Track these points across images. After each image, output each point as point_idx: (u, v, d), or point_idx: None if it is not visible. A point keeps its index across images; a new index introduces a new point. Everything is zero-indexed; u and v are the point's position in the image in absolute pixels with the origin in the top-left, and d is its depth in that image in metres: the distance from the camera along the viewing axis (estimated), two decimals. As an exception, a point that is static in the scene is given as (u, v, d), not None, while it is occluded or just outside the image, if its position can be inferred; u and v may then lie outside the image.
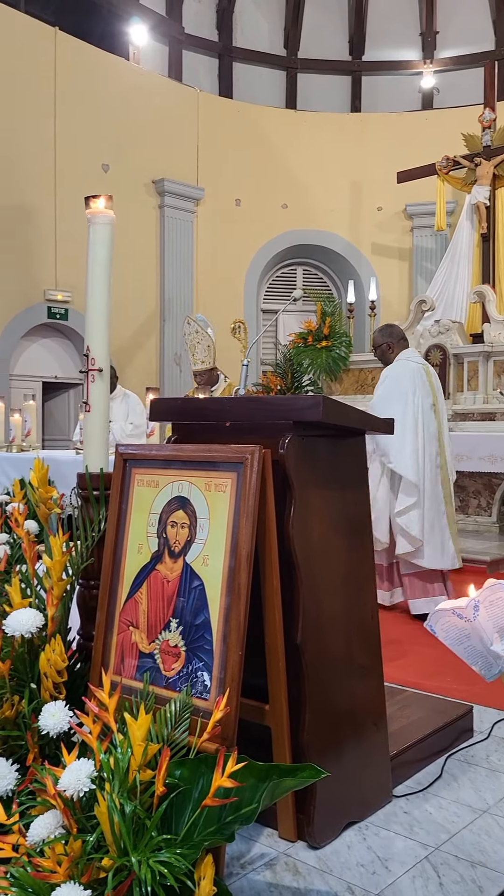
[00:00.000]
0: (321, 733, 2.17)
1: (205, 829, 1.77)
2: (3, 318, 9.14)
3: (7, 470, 5.57)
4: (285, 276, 12.08)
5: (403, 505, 4.47)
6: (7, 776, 2.15)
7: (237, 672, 1.96)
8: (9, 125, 8.99)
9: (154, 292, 10.64)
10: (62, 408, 10.38)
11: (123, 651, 2.25)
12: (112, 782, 1.81)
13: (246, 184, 11.24)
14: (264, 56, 12.05)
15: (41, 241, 9.36)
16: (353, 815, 2.25)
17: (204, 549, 2.10)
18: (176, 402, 2.52)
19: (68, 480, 5.16)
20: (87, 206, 2.65)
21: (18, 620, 2.31)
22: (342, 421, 2.24)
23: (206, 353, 5.95)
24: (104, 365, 2.62)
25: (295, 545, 2.13)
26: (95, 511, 2.54)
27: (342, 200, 11.56)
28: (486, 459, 7.08)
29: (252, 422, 2.28)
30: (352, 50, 12.23)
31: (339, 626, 2.28)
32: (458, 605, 1.66)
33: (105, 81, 9.90)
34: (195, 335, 5.91)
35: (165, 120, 10.53)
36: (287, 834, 2.16)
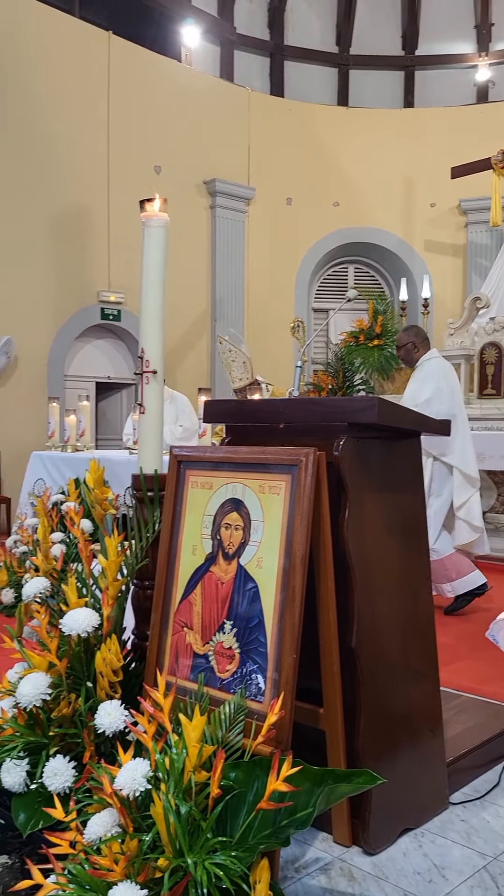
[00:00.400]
0: (376, 738, 2.15)
1: (259, 833, 1.77)
2: (58, 319, 9.29)
3: (63, 470, 5.66)
4: (337, 274, 12.01)
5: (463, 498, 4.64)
6: (64, 773, 2.19)
7: (292, 675, 1.95)
8: (63, 129, 9.14)
9: (205, 292, 10.69)
10: (115, 408, 10.51)
11: (178, 652, 2.26)
12: (167, 783, 1.82)
13: (297, 182, 11.21)
14: (316, 53, 12.00)
15: (95, 243, 9.49)
16: (408, 821, 2.22)
17: (258, 552, 2.09)
18: (230, 403, 2.52)
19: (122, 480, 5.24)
20: (142, 208, 2.66)
21: (75, 619, 2.35)
22: (398, 422, 2.21)
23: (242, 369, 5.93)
24: (159, 367, 2.64)
25: (349, 547, 2.11)
26: (150, 512, 2.56)
27: (395, 197, 11.44)
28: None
29: (306, 423, 2.27)
30: (405, 44, 12.09)
31: (395, 630, 2.25)
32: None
33: (157, 84, 9.98)
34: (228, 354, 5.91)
35: (217, 120, 10.57)
36: (342, 839, 2.14)
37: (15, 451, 8.16)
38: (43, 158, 8.97)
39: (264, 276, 11.11)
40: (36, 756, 2.31)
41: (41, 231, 9.02)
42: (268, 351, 11.07)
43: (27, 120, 8.82)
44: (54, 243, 9.15)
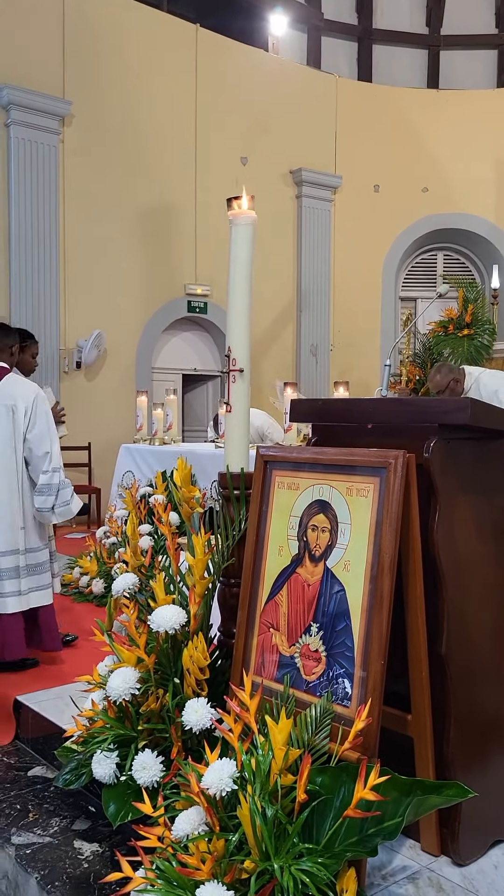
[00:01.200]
0: (466, 747, 2.10)
1: (346, 840, 1.75)
2: (146, 313, 9.44)
3: (150, 462, 5.76)
4: (425, 262, 11.76)
5: None
6: (153, 768, 2.23)
7: (379, 681, 1.92)
8: (152, 123, 9.25)
9: (291, 283, 10.65)
10: (201, 399, 10.62)
11: (264, 652, 2.26)
12: (253, 784, 1.83)
13: (385, 169, 11.01)
14: (405, 36, 11.72)
15: (182, 236, 9.59)
16: (500, 833, 2.16)
17: (345, 555, 2.07)
18: (317, 403, 2.50)
19: (209, 473, 5.30)
20: (230, 206, 2.66)
21: (163, 617, 2.38)
22: (491, 424, 2.14)
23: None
24: (245, 365, 2.63)
25: (440, 552, 2.06)
26: (236, 510, 2.57)
27: (486, 181, 11.09)
28: None
29: (395, 424, 2.22)
30: (498, 22, 11.67)
31: (486, 637, 2.19)
32: None
33: (244, 74, 9.97)
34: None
35: (303, 108, 10.48)
36: (430, 848, 2.10)
37: (105, 443, 8.36)
38: (132, 153, 9.10)
39: (350, 265, 10.98)
40: (125, 749, 2.36)
41: (130, 225, 9.17)
42: (353, 341, 10.96)
43: (117, 115, 8.97)
44: (143, 237, 9.28)
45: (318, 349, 10.83)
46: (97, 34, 8.80)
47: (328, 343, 10.89)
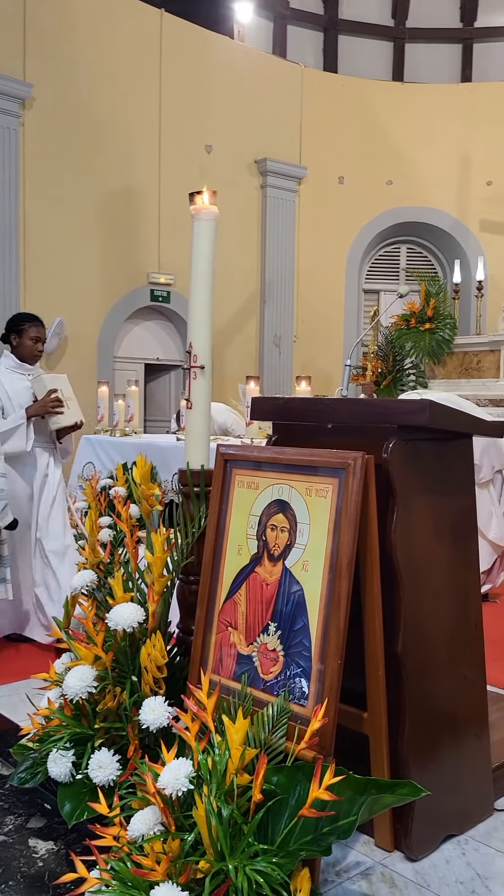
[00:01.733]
0: (421, 744, 2.13)
1: (301, 839, 1.77)
2: (108, 301, 9.34)
3: (111, 454, 5.71)
4: (388, 255, 11.81)
5: None
6: (109, 766, 2.22)
7: (336, 681, 1.94)
8: (114, 109, 9.12)
9: (255, 274, 10.62)
10: (163, 389, 10.55)
11: (222, 650, 2.27)
12: (209, 784, 1.83)
13: (350, 161, 11.01)
14: (371, 27, 11.71)
15: (145, 224, 9.49)
16: (452, 827, 2.20)
17: (304, 555, 2.08)
18: (278, 401, 2.50)
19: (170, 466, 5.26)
20: (192, 201, 2.64)
21: (120, 615, 2.37)
22: (450, 426, 2.16)
23: None
24: (206, 362, 2.62)
25: (397, 553, 2.08)
26: (196, 508, 2.56)
27: (450, 175, 11.17)
28: None
29: (355, 424, 2.23)
30: (463, 16, 11.73)
31: (442, 635, 2.22)
32: None
33: (209, 61, 9.88)
34: None
35: (269, 98, 10.42)
36: (384, 843, 2.13)
37: (65, 432, 8.25)
38: (94, 138, 8.97)
39: (315, 256, 10.98)
40: (82, 747, 2.35)
41: (92, 212, 9.05)
42: (317, 332, 10.98)
43: (78, 100, 8.82)
44: (105, 225, 9.17)
45: (282, 340, 10.84)
46: (60, 17, 8.63)
47: (291, 334, 10.90)
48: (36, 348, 4.06)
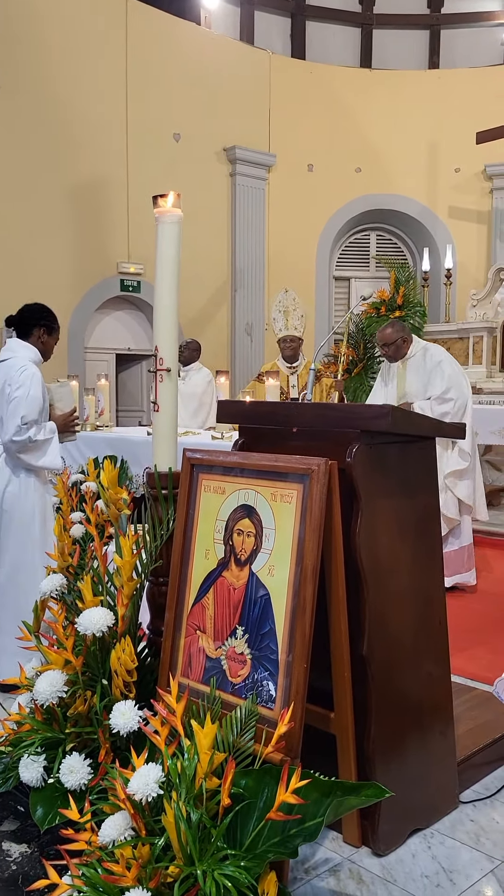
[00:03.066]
0: (387, 741, 2.17)
1: (269, 841, 1.80)
2: (78, 292, 9.26)
3: (82, 449, 5.69)
4: (359, 242, 11.82)
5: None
6: (80, 770, 2.24)
7: (302, 684, 1.97)
8: (80, 97, 9.00)
9: (225, 262, 10.58)
10: (135, 379, 10.51)
11: (191, 654, 2.29)
12: (179, 789, 1.86)
13: (319, 148, 10.98)
14: (339, 13, 11.65)
15: (114, 213, 9.40)
16: (418, 821, 2.25)
17: (270, 559, 2.10)
18: (243, 405, 2.51)
19: (141, 460, 5.26)
20: (155, 204, 2.63)
21: (90, 619, 2.38)
22: (412, 430, 2.19)
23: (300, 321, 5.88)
24: (173, 365, 2.62)
25: (361, 556, 2.11)
26: (164, 510, 2.57)
27: (418, 162, 11.18)
28: None
29: (320, 428, 2.26)
30: (430, 3, 11.71)
31: (407, 635, 2.26)
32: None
33: (176, 48, 9.78)
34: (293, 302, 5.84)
35: (237, 85, 10.35)
36: (351, 839, 2.18)
37: (36, 425, 8.20)
38: (60, 127, 8.85)
39: (285, 244, 10.96)
40: (53, 751, 2.37)
41: (59, 202, 8.95)
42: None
43: (44, 89, 8.69)
44: (73, 214, 9.07)
45: (253, 328, 10.82)
46: (23, 5, 8.48)
47: (263, 322, 10.89)
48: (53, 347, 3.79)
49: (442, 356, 4.76)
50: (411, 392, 4.77)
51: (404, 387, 4.83)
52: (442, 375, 4.68)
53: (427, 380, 4.71)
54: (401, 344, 4.78)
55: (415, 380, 4.78)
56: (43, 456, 3.48)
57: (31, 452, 3.43)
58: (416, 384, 4.76)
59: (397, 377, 4.89)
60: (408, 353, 4.83)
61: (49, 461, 3.51)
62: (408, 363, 4.85)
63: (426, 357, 4.77)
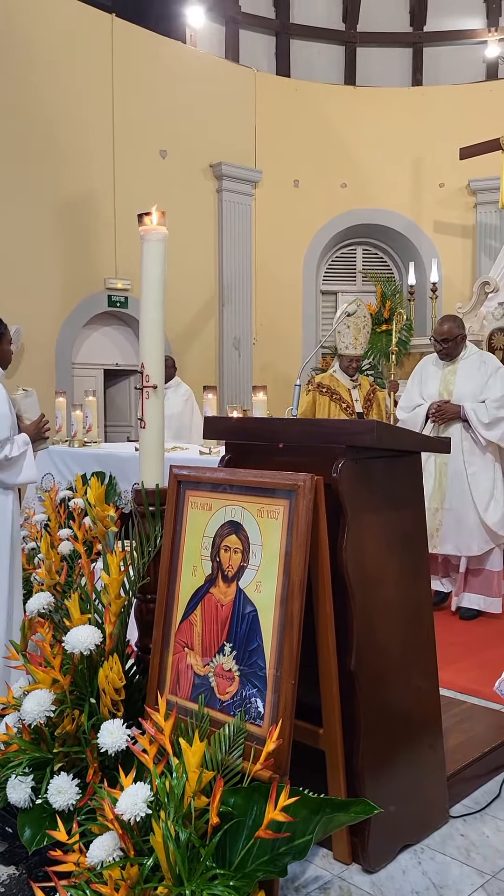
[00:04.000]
0: (376, 757, 2.17)
1: (258, 859, 1.79)
2: (65, 308, 9.27)
3: (70, 465, 5.68)
4: (345, 256, 11.90)
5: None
6: (68, 791, 2.22)
7: (290, 701, 1.97)
8: (67, 114, 9.04)
9: (212, 277, 10.62)
10: (124, 394, 10.51)
11: (179, 672, 2.28)
12: (167, 808, 1.85)
13: (304, 164, 11.07)
14: (322, 31, 11.77)
15: (101, 230, 9.43)
16: (408, 837, 2.25)
17: (257, 576, 2.10)
18: (230, 421, 2.52)
19: (129, 476, 5.25)
20: (140, 222, 2.65)
21: (77, 638, 2.37)
22: (396, 445, 2.20)
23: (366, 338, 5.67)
24: (159, 382, 2.63)
25: (348, 571, 2.12)
26: (151, 527, 2.57)
27: (403, 178, 11.28)
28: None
29: (306, 444, 2.27)
30: (413, 21, 11.85)
31: (395, 650, 2.26)
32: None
33: (162, 66, 9.85)
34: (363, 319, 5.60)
35: (222, 102, 10.43)
36: (342, 856, 2.17)
37: (24, 442, 8.18)
38: (47, 145, 8.89)
39: (272, 259, 11.02)
40: (41, 772, 2.35)
41: (47, 218, 8.97)
42: (276, 334, 11.02)
43: (31, 106, 8.73)
44: (60, 231, 9.09)
45: (241, 343, 10.85)
46: (9, 21, 8.54)
47: (251, 336, 10.93)
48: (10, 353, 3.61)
49: (499, 364, 4.70)
50: (462, 393, 4.60)
51: (453, 387, 4.65)
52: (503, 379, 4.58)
53: (483, 383, 4.58)
54: (460, 341, 4.68)
55: (468, 381, 4.62)
56: (20, 473, 3.31)
57: (7, 471, 3.26)
58: (469, 385, 4.60)
59: (443, 376, 4.71)
60: (461, 353, 4.70)
61: (26, 477, 3.35)
62: (459, 363, 4.70)
63: (484, 360, 4.69)
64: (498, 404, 4.49)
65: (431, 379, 4.77)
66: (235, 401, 9.95)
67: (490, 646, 4.19)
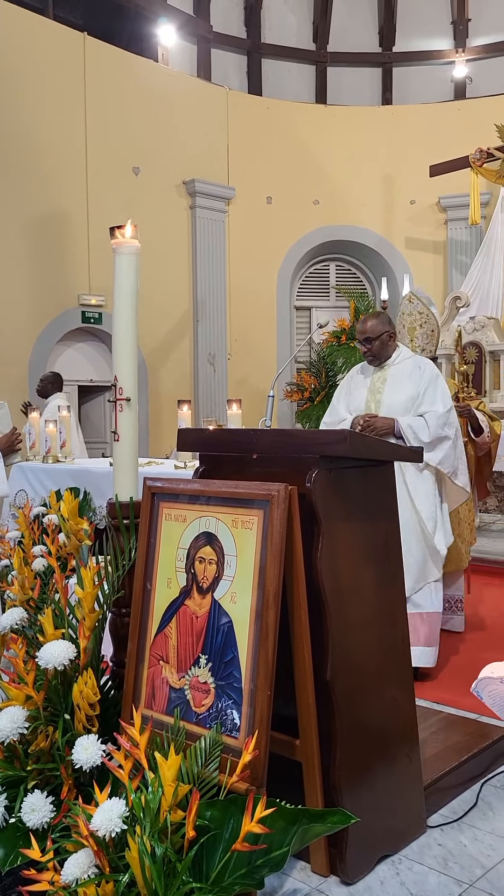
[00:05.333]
0: (353, 769, 2.16)
1: (235, 872, 1.78)
2: (39, 324, 9.24)
3: (44, 481, 5.63)
4: (318, 272, 12.00)
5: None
6: (42, 809, 2.19)
7: (266, 712, 1.96)
8: (40, 132, 9.06)
9: (187, 293, 10.65)
10: (98, 411, 10.47)
11: (154, 685, 2.27)
12: (143, 823, 1.83)
13: (277, 181, 11.17)
14: (293, 51, 11.94)
15: (74, 246, 9.43)
16: (386, 848, 2.24)
17: (232, 586, 2.10)
18: (203, 432, 2.52)
19: (104, 492, 5.22)
20: (113, 235, 2.66)
21: (51, 653, 2.34)
22: (370, 455, 2.22)
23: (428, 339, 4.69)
24: (132, 394, 2.63)
25: (323, 581, 2.12)
26: (126, 540, 2.56)
27: (374, 195, 11.43)
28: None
29: (279, 454, 2.27)
30: (382, 41, 12.05)
31: (370, 659, 2.26)
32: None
33: (134, 84, 9.91)
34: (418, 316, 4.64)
35: (195, 120, 10.51)
36: (319, 868, 2.16)
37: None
38: (19, 161, 8.89)
39: (246, 275, 11.08)
40: (14, 790, 2.31)
41: (20, 234, 8.95)
42: (250, 349, 11.07)
43: (3, 124, 8.72)
44: (34, 247, 9.08)
45: (216, 358, 10.88)
46: (-19, 38, 8.55)
47: (225, 351, 10.96)
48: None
49: (437, 371, 3.93)
50: (392, 404, 3.82)
51: (381, 397, 3.87)
52: (444, 392, 3.83)
53: (417, 393, 3.80)
54: (386, 340, 3.87)
55: (399, 390, 3.84)
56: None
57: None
58: (400, 395, 3.83)
59: (371, 385, 3.94)
60: (392, 357, 3.93)
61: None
62: (390, 369, 3.91)
63: (418, 366, 3.89)
64: (441, 421, 3.71)
65: (358, 389, 4.00)
66: (210, 415, 9.95)
67: (466, 656, 4.21)
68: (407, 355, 4.00)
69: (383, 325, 3.90)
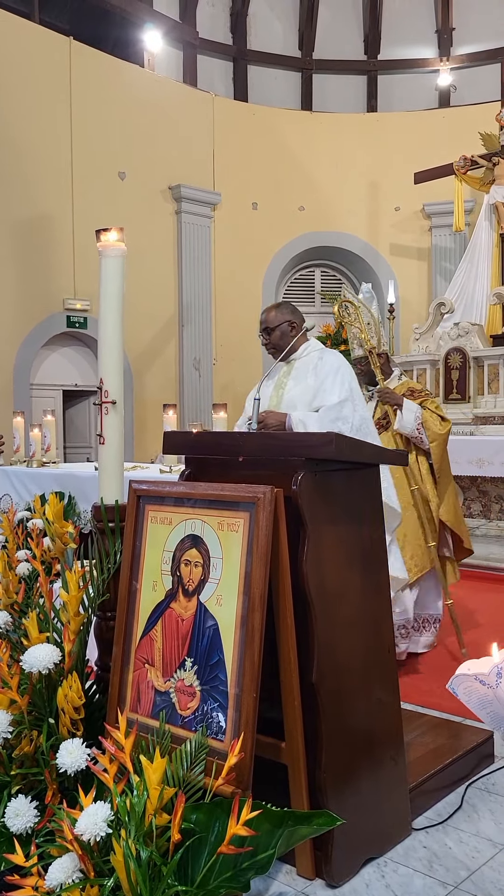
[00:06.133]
0: (338, 771, 2.17)
1: (221, 875, 1.77)
2: (23, 328, 9.21)
3: (29, 485, 5.62)
4: (304, 278, 12.04)
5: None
6: (26, 814, 2.17)
7: (251, 715, 1.96)
8: (25, 136, 9.04)
9: (172, 298, 10.65)
10: (83, 415, 10.44)
11: (139, 688, 2.26)
12: (128, 827, 1.82)
13: (262, 187, 11.21)
14: (279, 58, 12.00)
15: (59, 250, 9.41)
16: (371, 850, 2.24)
17: (217, 589, 2.10)
18: (189, 435, 2.52)
19: (89, 496, 5.21)
20: (98, 238, 2.65)
21: (35, 657, 2.33)
22: (356, 457, 2.23)
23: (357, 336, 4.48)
24: (118, 397, 2.63)
25: (309, 583, 2.12)
26: (111, 543, 2.55)
27: (359, 201, 11.49)
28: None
29: (265, 457, 2.28)
30: (367, 49, 12.14)
31: (356, 662, 2.27)
32: (481, 672, 1.64)
33: (120, 89, 9.92)
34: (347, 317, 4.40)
35: (181, 125, 10.53)
36: (305, 872, 2.15)
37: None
38: (5, 166, 8.87)
39: (231, 280, 11.10)
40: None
41: (4, 239, 8.93)
42: (236, 354, 11.08)
43: (-12, 127, 8.72)
44: (18, 251, 9.05)
45: (201, 363, 10.89)
46: (-34, 42, 8.53)
47: (211, 357, 10.97)
48: None
49: (342, 362, 3.51)
50: (291, 398, 3.49)
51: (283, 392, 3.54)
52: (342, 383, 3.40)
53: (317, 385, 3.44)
54: (287, 330, 3.52)
55: (299, 384, 3.50)
56: None
57: None
58: (299, 388, 3.48)
59: (278, 380, 3.62)
60: (299, 350, 3.57)
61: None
62: (295, 364, 3.56)
63: (322, 357, 3.52)
64: (332, 415, 3.30)
65: (267, 385, 3.66)
66: (196, 420, 9.95)
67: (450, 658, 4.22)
68: (315, 347, 3.64)
69: (283, 315, 3.58)
